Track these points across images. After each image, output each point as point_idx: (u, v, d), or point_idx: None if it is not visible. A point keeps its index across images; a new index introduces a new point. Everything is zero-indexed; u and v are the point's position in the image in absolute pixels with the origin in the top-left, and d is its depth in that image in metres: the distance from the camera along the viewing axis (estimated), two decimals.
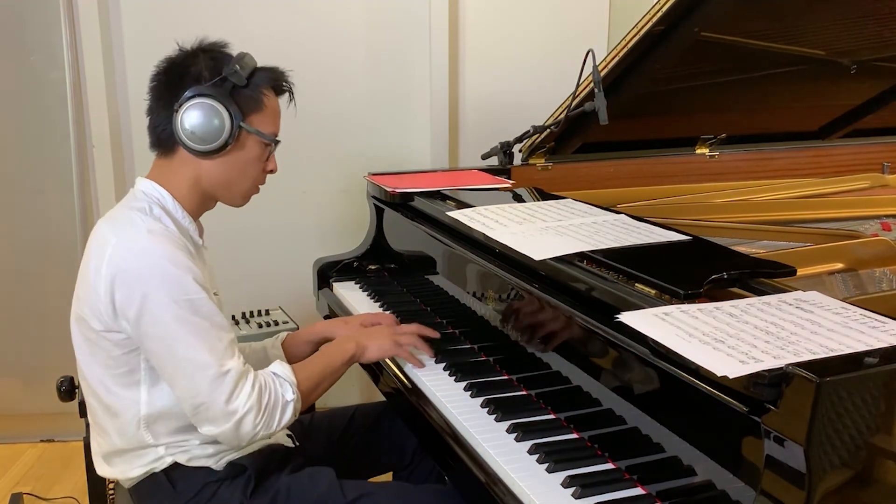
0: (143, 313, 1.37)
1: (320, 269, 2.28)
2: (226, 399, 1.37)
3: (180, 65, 1.48)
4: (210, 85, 1.44)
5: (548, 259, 1.43)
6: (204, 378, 1.36)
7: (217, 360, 1.37)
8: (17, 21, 2.78)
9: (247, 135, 1.49)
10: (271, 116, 1.53)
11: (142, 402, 1.45)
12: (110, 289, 1.38)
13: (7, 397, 3.03)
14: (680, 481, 1.14)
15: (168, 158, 1.50)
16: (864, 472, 0.95)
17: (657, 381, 1.18)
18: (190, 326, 1.37)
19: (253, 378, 1.41)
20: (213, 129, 1.44)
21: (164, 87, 1.48)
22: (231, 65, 1.46)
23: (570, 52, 2.23)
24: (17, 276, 2.94)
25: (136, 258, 1.38)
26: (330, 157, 2.95)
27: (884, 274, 1.63)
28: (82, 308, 1.45)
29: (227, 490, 1.49)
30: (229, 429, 1.39)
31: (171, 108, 1.45)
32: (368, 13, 2.91)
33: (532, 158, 2.37)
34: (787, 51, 2.22)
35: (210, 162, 1.49)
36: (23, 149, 2.87)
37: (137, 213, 1.45)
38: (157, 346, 1.38)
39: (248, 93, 1.48)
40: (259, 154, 1.53)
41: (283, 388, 1.45)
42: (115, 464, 1.53)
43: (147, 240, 1.39)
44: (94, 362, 1.47)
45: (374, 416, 1.84)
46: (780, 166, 2.56)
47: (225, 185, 1.53)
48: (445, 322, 1.89)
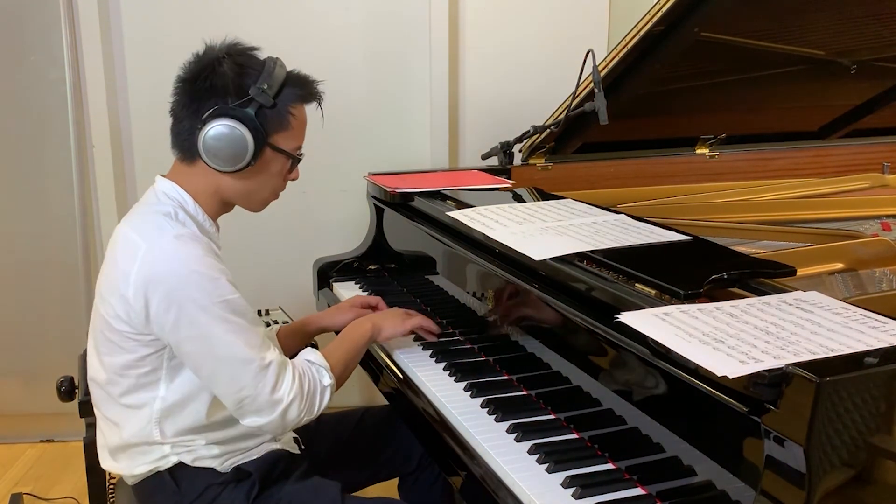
0: (181, 319, 1.36)
1: (320, 269, 2.29)
2: (270, 390, 1.40)
3: (205, 73, 1.43)
4: (236, 105, 1.41)
5: (548, 259, 1.43)
6: (248, 372, 1.38)
7: (258, 354, 1.39)
8: (17, 21, 2.78)
9: (271, 153, 1.48)
10: (297, 132, 1.51)
11: (157, 398, 1.45)
12: (144, 296, 1.37)
13: (7, 397, 3.03)
14: (680, 481, 1.14)
15: (189, 165, 1.48)
16: (864, 472, 0.95)
17: (657, 381, 1.18)
18: (229, 325, 1.38)
19: (292, 367, 1.45)
20: (235, 151, 1.42)
21: (189, 94, 1.45)
22: (259, 82, 1.42)
23: (570, 52, 2.23)
24: (18, 276, 2.94)
25: (169, 265, 1.37)
26: (330, 156, 2.95)
27: (884, 274, 1.63)
28: (106, 309, 1.43)
29: (231, 494, 1.49)
30: (275, 418, 1.42)
31: (194, 118, 1.43)
32: (369, 13, 2.91)
33: (532, 158, 2.37)
34: (787, 51, 2.22)
35: (231, 177, 1.47)
36: (23, 149, 2.87)
37: (164, 217, 1.43)
38: (196, 348, 1.39)
39: (274, 112, 1.45)
40: (281, 168, 1.52)
41: (320, 374, 1.50)
42: (120, 459, 1.53)
43: (177, 246, 1.38)
44: (114, 361, 1.45)
45: (381, 421, 1.84)
46: (780, 166, 2.56)
47: (245, 196, 1.53)
48: (445, 322, 1.89)
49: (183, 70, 1.46)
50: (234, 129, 1.40)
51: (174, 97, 1.47)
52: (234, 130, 1.40)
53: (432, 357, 1.70)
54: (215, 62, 1.43)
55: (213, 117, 1.40)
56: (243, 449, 1.53)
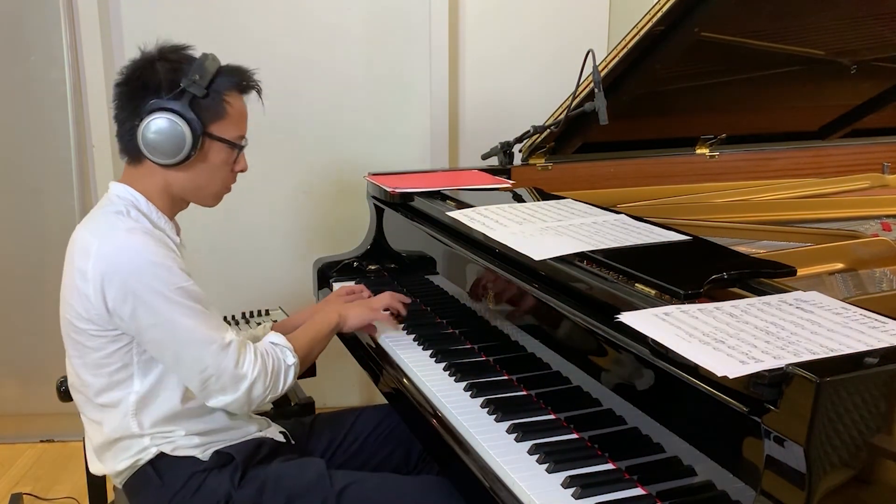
0: (138, 307, 1.41)
1: (320, 269, 2.28)
2: (234, 365, 1.45)
3: (140, 73, 1.48)
4: (169, 98, 1.45)
5: (548, 259, 1.43)
6: (209, 352, 1.43)
7: (218, 335, 1.45)
8: (17, 21, 2.78)
9: (211, 143, 1.51)
10: (236, 120, 1.54)
11: (132, 392, 1.48)
12: (101, 290, 1.41)
13: (7, 397, 3.03)
14: (680, 481, 1.14)
15: (136, 167, 1.53)
16: (864, 472, 0.95)
17: (657, 381, 1.17)
18: (186, 310, 1.42)
19: (254, 347, 1.50)
20: (174, 142, 1.45)
21: (126, 96, 1.49)
22: (190, 74, 1.46)
23: (570, 52, 2.23)
24: (17, 276, 2.94)
25: (121, 257, 1.42)
26: (330, 157, 2.95)
27: (884, 274, 1.63)
28: (69, 312, 1.48)
29: (215, 480, 1.51)
30: (241, 395, 1.47)
31: (133, 119, 1.47)
32: (369, 13, 2.91)
33: (532, 158, 2.37)
34: (787, 51, 2.22)
35: (176, 171, 1.51)
36: (23, 149, 2.87)
37: (115, 215, 1.48)
38: (157, 334, 1.43)
39: (208, 102, 1.48)
40: (225, 158, 1.54)
41: (284, 354, 1.55)
42: (104, 458, 1.55)
43: (129, 238, 1.43)
44: (84, 363, 1.49)
45: (378, 421, 1.84)
46: (780, 166, 2.56)
47: (194, 190, 1.56)
48: (445, 322, 1.89)
49: (118, 75, 1.52)
50: (171, 122, 1.44)
51: (114, 104, 1.52)
52: (170, 122, 1.44)
53: (432, 357, 1.70)
54: (148, 63, 1.48)
55: (148, 113, 1.45)
56: (224, 440, 1.55)
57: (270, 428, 1.68)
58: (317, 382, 2.20)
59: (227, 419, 1.56)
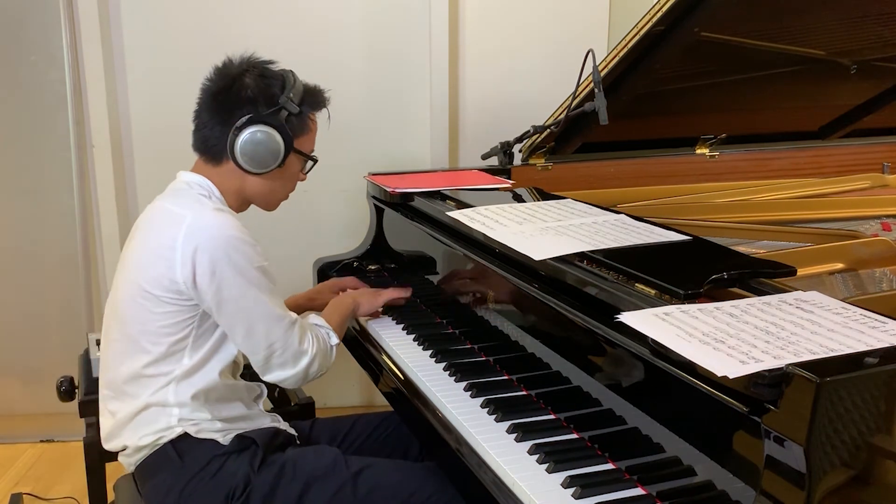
0: (224, 282, 1.50)
1: (320, 269, 2.29)
2: (298, 342, 1.58)
3: (232, 85, 1.58)
4: (268, 113, 1.57)
5: (548, 259, 1.43)
6: (280, 327, 1.55)
7: (286, 313, 1.58)
8: (17, 21, 2.78)
9: (294, 155, 1.64)
10: (314, 135, 1.70)
11: (182, 365, 1.55)
12: (191, 261, 1.49)
13: (7, 397, 3.03)
14: (680, 481, 1.14)
15: (215, 165, 1.62)
16: (864, 472, 0.95)
17: (657, 381, 1.18)
18: (264, 287, 1.54)
19: (309, 327, 1.64)
20: (269, 154, 1.58)
21: (219, 103, 1.59)
22: (286, 92, 1.58)
23: (570, 52, 2.23)
24: (17, 276, 2.94)
25: (214, 232, 1.51)
26: (330, 157, 2.93)
27: (884, 274, 1.63)
28: (141, 276, 1.53)
29: (235, 463, 1.54)
30: (300, 370, 1.59)
31: (225, 125, 1.57)
32: (368, 13, 2.91)
33: (532, 158, 2.37)
34: (787, 51, 2.22)
35: (255, 177, 1.62)
36: (23, 149, 2.87)
37: (201, 196, 1.58)
38: (237, 308, 1.52)
39: (298, 119, 1.62)
40: (299, 169, 1.70)
41: (329, 335, 1.69)
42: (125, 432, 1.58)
43: (219, 217, 1.53)
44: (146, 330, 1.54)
45: (376, 424, 1.86)
46: (780, 166, 2.56)
47: (265, 195, 1.68)
48: (445, 322, 1.89)
49: (209, 81, 1.61)
50: (269, 135, 1.57)
51: (199, 105, 1.62)
52: (269, 136, 1.57)
53: (432, 357, 1.70)
54: (239, 75, 1.59)
55: (248, 124, 1.56)
56: (244, 427, 1.61)
57: (282, 424, 1.70)
58: (317, 382, 2.18)
59: (247, 409, 1.64)
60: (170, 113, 2.38)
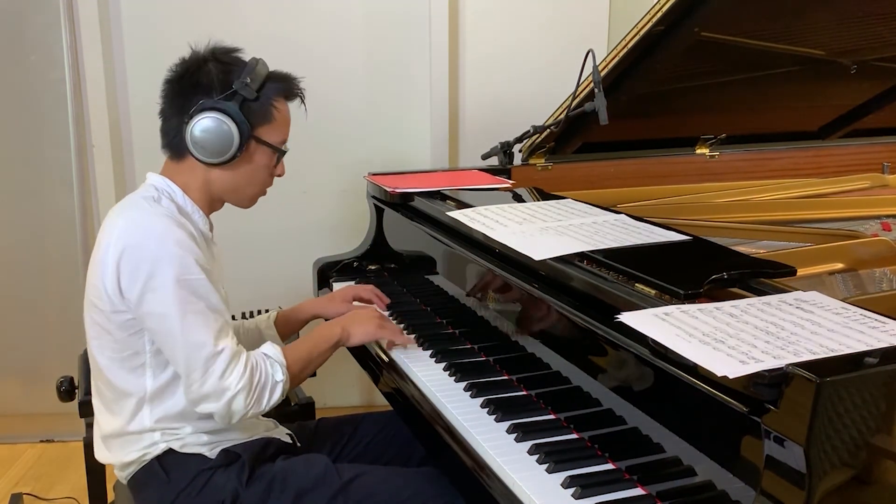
0: (146, 291, 1.41)
1: (320, 269, 2.28)
2: (219, 376, 1.42)
3: (191, 73, 1.51)
4: (220, 98, 1.48)
5: (548, 259, 1.43)
6: (200, 356, 1.41)
7: (212, 340, 1.42)
8: (17, 21, 2.78)
9: (256, 145, 1.54)
10: (281, 126, 1.58)
11: (147, 386, 1.49)
12: (117, 267, 1.42)
13: (7, 397, 3.03)
14: (680, 481, 1.14)
15: (178, 162, 1.56)
16: (864, 472, 0.95)
17: (657, 381, 1.17)
18: (189, 306, 1.42)
19: (245, 358, 1.46)
20: (222, 142, 1.49)
21: (176, 93, 1.52)
22: (242, 77, 1.49)
23: (570, 52, 2.23)
24: (17, 276, 2.94)
25: (142, 237, 1.43)
26: (330, 157, 2.95)
27: (884, 274, 1.63)
28: (91, 291, 1.49)
29: (222, 477, 1.51)
30: (222, 405, 1.43)
31: (181, 115, 1.50)
32: (369, 13, 2.91)
33: (532, 158, 2.37)
34: (787, 51, 2.22)
35: (219, 170, 1.54)
36: (23, 149, 2.87)
37: (144, 200, 1.50)
38: (157, 324, 1.43)
39: (257, 105, 1.52)
40: (267, 162, 1.58)
41: (273, 369, 1.50)
42: (112, 447, 1.56)
43: (151, 221, 1.45)
44: (102, 345, 1.50)
45: (381, 426, 1.84)
46: (780, 166, 2.56)
47: (233, 191, 1.59)
48: (445, 322, 1.89)
49: (169, 72, 1.55)
50: (220, 122, 1.48)
51: (161, 99, 1.56)
52: (220, 122, 1.48)
53: (432, 357, 1.70)
54: (200, 62, 1.51)
55: (199, 111, 1.48)
56: (232, 439, 1.56)
57: (277, 429, 1.68)
58: (317, 382, 2.19)
59: None
60: None
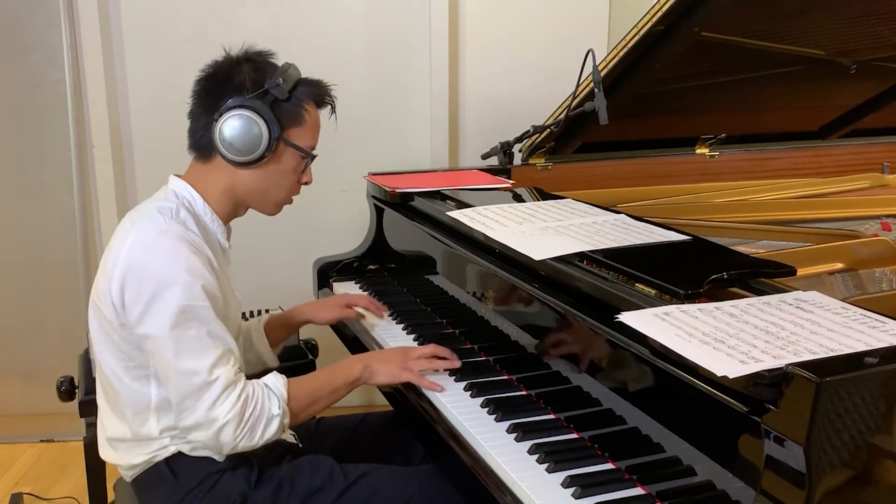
0: (146, 313, 1.39)
1: (320, 269, 2.28)
2: (208, 406, 1.38)
3: (224, 73, 1.51)
4: (251, 97, 1.47)
5: (548, 259, 1.43)
6: (192, 384, 1.38)
7: (207, 368, 1.38)
8: (17, 21, 2.78)
9: (284, 147, 1.53)
10: (311, 130, 1.57)
11: (152, 395, 1.48)
12: (122, 284, 1.40)
13: (7, 397, 3.03)
14: (680, 481, 1.14)
15: (204, 163, 1.53)
16: (864, 472, 0.95)
17: (657, 381, 1.18)
18: (186, 332, 1.39)
19: (241, 388, 1.41)
20: (251, 141, 1.47)
21: (207, 93, 1.51)
22: (274, 77, 1.48)
23: (570, 52, 2.23)
24: (17, 277, 2.94)
25: (150, 258, 1.40)
26: (330, 156, 2.93)
27: (884, 274, 1.63)
28: (98, 296, 1.47)
29: (229, 480, 1.50)
30: (210, 436, 1.40)
31: (211, 115, 1.48)
32: (369, 12, 2.91)
33: (532, 158, 2.37)
34: (787, 51, 2.22)
35: (246, 171, 1.52)
36: (22, 149, 2.87)
37: (159, 212, 1.46)
38: (153, 346, 1.41)
39: (288, 106, 1.51)
40: (295, 166, 1.57)
41: (271, 402, 1.44)
42: (118, 448, 1.55)
43: (160, 241, 1.41)
44: (107, 350, 1.49)
45: (382, 425, 1.84)
46: (780, 166, 2.56)
47: (259, 194, 1.56)
48: (445, 322, 1.89)
49: (200, 72, 1.53)
50: (251, 119, 1.46)
51: (192, 100, 1.53)
52: (251, 121, 1.46)
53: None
54: (233, 63, 1.51)
55: (229, 109, 1.46)
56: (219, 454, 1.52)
57: None
58: None
59: None
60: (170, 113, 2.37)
